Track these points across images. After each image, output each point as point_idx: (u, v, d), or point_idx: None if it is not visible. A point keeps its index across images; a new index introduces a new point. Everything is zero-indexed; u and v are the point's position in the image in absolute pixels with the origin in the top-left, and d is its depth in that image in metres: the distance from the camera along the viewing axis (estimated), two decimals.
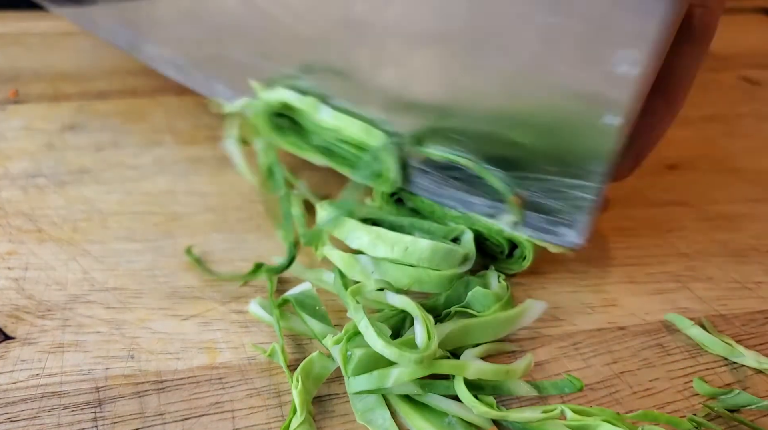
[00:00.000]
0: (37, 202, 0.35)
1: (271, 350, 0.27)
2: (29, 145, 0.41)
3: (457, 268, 0.30)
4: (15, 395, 0.24)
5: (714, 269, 0.35)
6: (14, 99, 0.46)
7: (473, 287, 0.29)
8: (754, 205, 0.41)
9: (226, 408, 0.25)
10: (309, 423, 0.24)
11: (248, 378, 0.26)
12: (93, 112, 0.45)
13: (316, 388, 0.26)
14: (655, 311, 0.31)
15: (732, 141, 0.49)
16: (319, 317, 0.28)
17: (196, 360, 0.27)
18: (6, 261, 0.31)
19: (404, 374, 0.24)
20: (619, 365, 0.28)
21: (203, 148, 0.42)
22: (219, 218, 0.35)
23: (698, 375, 0.28)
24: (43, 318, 0.28)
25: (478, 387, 0.26)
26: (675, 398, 0.27)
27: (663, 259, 0.35)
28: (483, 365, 0.26)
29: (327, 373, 0.26)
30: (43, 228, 0.33)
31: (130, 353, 0.27)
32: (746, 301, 0.33)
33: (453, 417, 0.25)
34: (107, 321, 0.28)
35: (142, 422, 0.24)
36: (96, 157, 0.40)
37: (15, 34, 0.57)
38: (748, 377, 0.28)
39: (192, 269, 0.32)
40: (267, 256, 0.33)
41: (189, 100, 0.48)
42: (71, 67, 0.52)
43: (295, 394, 0.24)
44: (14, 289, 0.29)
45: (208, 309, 0.29)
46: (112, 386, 0.25)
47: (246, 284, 0.31)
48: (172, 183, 0.38)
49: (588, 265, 0.34)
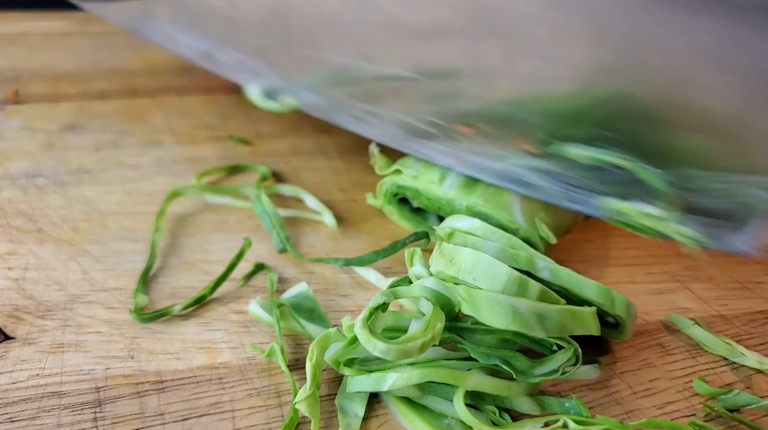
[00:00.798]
0: (37, 202, 0.35)
1: (270, 350, 0.27)
2: (29, 145, 0.41)
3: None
4: (15, 395, 0.24)
5: (714, 269, 0.35)
6: (14, 99, 0.46)
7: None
8: None
9: (226, 408, 0.25)
10: (315, 397, 0.24)
11: (248, 378, 0.26)
12: (93, 112, 0.45)
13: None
14: (655, 311, 0.31)
15: None
16: (317, 319, 0.28)
17: (196, 360, 0.27)
18: (6, 261, 0.31)
19: (401, 379, 0.24)
20: (619, 365, 0.28)
21: (203, 148, 0.42)
22: (219, 218, 0.35)
23: (698, 375, 0.28)
24: (43, 318, 0.28)
25: (479, 396, 0.25)
26: (675, 398, 0.27)
27: (663, 259, 0.35)
28: (483, 377, 0.25)
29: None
30: (43, 228, 0.33)
31: (130, 353, 0.27)
32: (746, 301, 0.33)
33: (452, 419, 0.25)
34: (107, 321, 0.28)
35: (142, 422, 0.24)
36: (96, 157, 0.40)
37: (15, 34, 0.57)
38: (748, 377, 0.28)
39: (192, 268, 0.32)
40: (267, 256, 0.33)
41: (189, 100, 0.48)
42: (71, 67, 0.52)
43: (308, 367, 0.24)
44: (14, 289, 0.29)
45: (208, 309, 0.29)
46: (112, 386, 0.25)
47: (246, 284, 0.31)
48: (172, 183, 0.38)
49: (588, 265, 0.34)
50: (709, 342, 0.29)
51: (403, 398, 0.25)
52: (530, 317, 0.24)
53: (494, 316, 0.24)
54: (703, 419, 0.26)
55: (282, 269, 0.32)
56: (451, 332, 0.26)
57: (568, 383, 0.27)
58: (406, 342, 0.23)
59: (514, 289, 0.25)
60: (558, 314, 0.24)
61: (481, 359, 0.25)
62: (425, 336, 0.23)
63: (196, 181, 0.38)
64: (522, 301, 0.24)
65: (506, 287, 0.25)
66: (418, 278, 0.27)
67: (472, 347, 0.25)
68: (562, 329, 0.24)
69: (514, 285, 0.25)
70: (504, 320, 0.24)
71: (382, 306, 0.25)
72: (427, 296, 0.25)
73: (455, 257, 0.26)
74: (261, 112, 0.46)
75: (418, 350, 0.23)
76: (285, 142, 0.43)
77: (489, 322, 0.24)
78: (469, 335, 0.26)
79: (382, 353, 0.23)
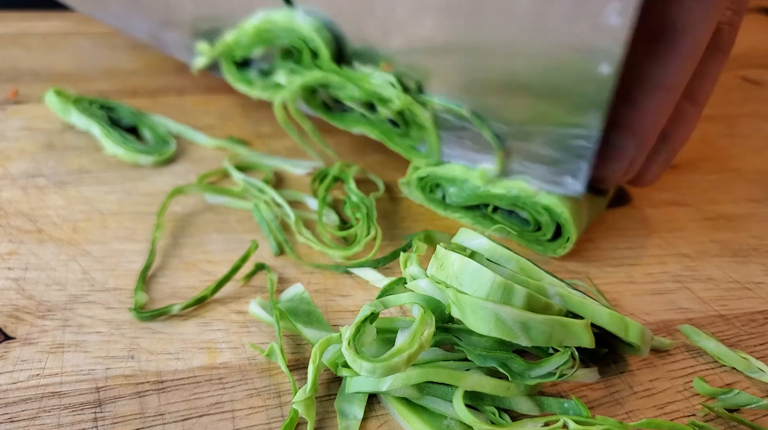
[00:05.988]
0: (37, 202, 0.35)
1: (269, 350, 0.27)
2: (29, 145, 0.41)
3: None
4: (15, 395, 0.24)
5: (714, 269, 0.35)
6: (14, 99, 0.46)
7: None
8: (754, 206, 0.41)
9: (226, 408, 0.25)
10: (312, 400, 0.24)
11: (248, 378, 0.26)
12: None
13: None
14: (655, 311, 0.31)
15: (732, 141, 0.49)
16: (315, 322, 0.28)
17: (196, 360, 0.27)
18: (6, 261, 0.31)
19: (400, 379, 0.24)
20: (619, 365, 0.28)
21: (203, 148, 0.42)
22: (219, 218, 0.35)
23: (698, 375, 0.28)
24: (43, 318, 0.28)
25: (478, 396, 0.25)
26: (675, 398, 0.27)
27: (663, 259, 0.35)
28: (482, 378, 0.25)
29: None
30: (43, 228, 0.33)
31: (130, 353, 0.27)
32: (746, 301, 0.33)
33: (451, 420, 0.25)
34: (107, 321, 0.28)
35: (142, 423, 0.24)
36: (96, 157, 0.40)
37: (15, 34, 0.57)
38: (747, 377, 0.28)
39: (192, 268, 0.32)
40: (267, 256, 0.33)
41: (189, 100, 0.48)
42: (71, 67, 0.52)
43: (311, 369, 0.24)
44: (14, 289, 0.29)
45: (208, 309, 0.29)
46: (112, 387, 0.25)
47: (246, 284, 0.31)
48: (172, 183, 0.38)
49: (588, 265, 0.34)
50: (725, 356, 0.29)
51: (402, 398, 0.25)
52: (514, 325, 0.24)
53: (478, 322, 0.24)
54: (703, 419, 0.26)
55: (282, 269, 0.32)
56: (447, 334, 0.26)
57: (568, 383, 0.27)
58: (392, 358, 0.23)
59: (498, 294, 0.24)
60: (544, 323, 0.24)
61: (477, 361, 0.25)
62: (411, 348, 0.23)
63: (198, 182, 0.38)
64: (505, 309, 0.24)
65: (490, 293, 0.24)
66: (413, 278, 0.27)
67: (468, 349, 0.25)
68: (549, 339, 0.24)
69: (499, 290, 0.24)
70: (487, 327, 0.24)
71: (370, 317, 0.25)
72: (416, 302, 0.25)
73: (444, 262, 0.26)
74: (261, 112, 0.46)
75: (404, 364, 0.23)
76: (285, 142, 0.43)
77: (474, 327, 0.24)
78: (465, 336, 0.26)
79: (368, 372, 0.23)
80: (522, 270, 0.27)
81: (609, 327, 0.26)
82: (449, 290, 0.25)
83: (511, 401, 0.25)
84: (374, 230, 0.33)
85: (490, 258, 0.28)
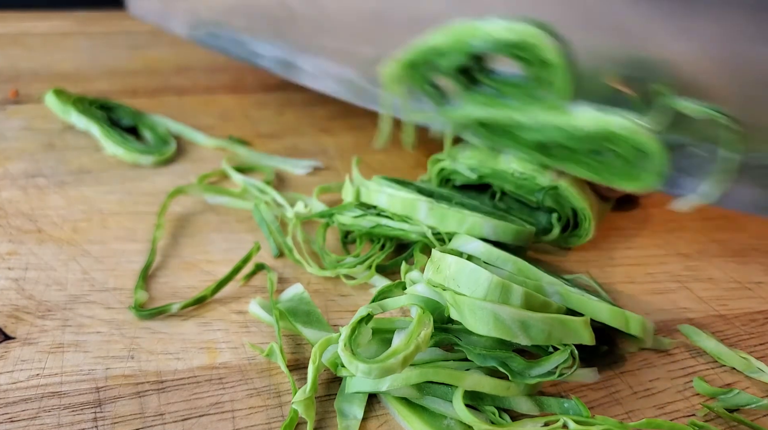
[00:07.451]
0: (37, 202, 0.35)
1: (269, 350, 0.27)
2: (29, 145, 0.41)
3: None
4: (15, 395, 0.24)
5: (714, 269, 0.35)
6: (14, 99, 0.46)
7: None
8: None
9: (226, 408, 0.25)
10: (312, 400, 0.24)
11: (248, 378, 0.26)
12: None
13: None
14: (655, 311, 0.31)
15: None
16: (314, 322, 0.28)
17: (196, 360, 0.27)
18: (6, 261, 0.31)
19: (399, 379, 0.24)
20: (619, 365, 0.28)
21: (203, 148, 0.42)
22: (219, 218, 0.35)
23: (698, 375, 0.28)
24: (43, 318, 0.28)
25: (478, 396, 0.25)
26: (675, 398, 0.27)
27: (663, 259, 0.35)
28: (482, 377, 0.25)
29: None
30: (43, 228, 0.33)
31: (130, 353, 0.27)
32: (746, 301, 0.33)
33: (451, 420, 0.25)
34: (107, 321, 0.28)
35: (142, 423, 0.24)
36: (96, 157, 0.40)
37: (15, 34, 0.57)
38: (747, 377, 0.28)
39: (192, 268, 0.32)
40: (267, 256, 0.33)
41: (189, 100, 0.48)
42: (71, 67, 0.52)
43: (311, 369, 0.24)
44: (14, 289, 0.29)
45: (208, 309, 0.29)
46: (112, 387, 0.25)
47: (246, 284, 0.31)
48: (172, 183, 0.38)
49: (588, 265, 0.34)
50: (724, 356, 0.29)
51: (401, 398, 0.25)
52: (512, 325, 0.24)
53: (477, 322, 0.24)
54: (703, 419, 0.26)
55: (282, 269, 0.32)
56: (446, 334, 0.26)
57: (568, 383, 0.27)
58: (387, 359, 0.23)
59: (496, 294, 0.24)
60: (543, 322, 0.24)
61: (477, 361, 0.25)
62: (407, 349, 0.23)
63: (198, 182, 0.38)
64: (504, 308, 0.24)
65: (488, 293, 0.24)
66: (413, 282, 0.27)
67: (468, 349, 0.25)
68: (548, 338, 0.24)
69: (496, 290, 0.24)
70: (486, 327, 0.24)
71: (366, 318, 0.25)
72: (414, 303, 0.25)
73: (441, 265, 0.26)
74: (261, 112, 0.46)
75: (400, 365, 0.23)
76: (285, 143, 0.43)
77: (473, 328, 0.24)
78: (465, 336, 0.25)
79: (365, 374, 0.23)
80: (519, 271, 0.27)
81: (610, 322, 0.26)
82: (447, 293, 0.25)
83: (511, 401, 0.25)
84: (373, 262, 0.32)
85: (487, 261, 0.28)
